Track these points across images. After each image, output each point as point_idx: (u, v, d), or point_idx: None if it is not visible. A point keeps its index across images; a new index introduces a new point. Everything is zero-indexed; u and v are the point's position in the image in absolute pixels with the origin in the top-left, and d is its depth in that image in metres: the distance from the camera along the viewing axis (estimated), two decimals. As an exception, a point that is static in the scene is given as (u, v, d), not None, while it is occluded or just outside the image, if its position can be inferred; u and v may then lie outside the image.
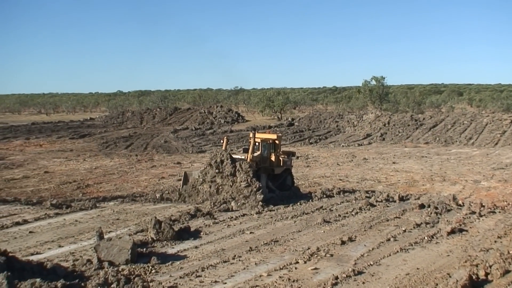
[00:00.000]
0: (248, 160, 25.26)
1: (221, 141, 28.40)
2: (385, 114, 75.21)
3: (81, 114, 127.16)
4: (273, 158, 27.05)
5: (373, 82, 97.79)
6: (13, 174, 34.52)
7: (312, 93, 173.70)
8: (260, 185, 24.16)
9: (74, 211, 22.57)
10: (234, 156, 26.15)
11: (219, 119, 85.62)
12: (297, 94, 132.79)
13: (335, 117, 78.98)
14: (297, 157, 42.91)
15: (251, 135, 26.80)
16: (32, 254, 15.61)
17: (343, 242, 17.08)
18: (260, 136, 27.54)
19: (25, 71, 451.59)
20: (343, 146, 55.75)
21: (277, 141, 27.41)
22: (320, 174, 35.46)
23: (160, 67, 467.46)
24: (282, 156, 27.71)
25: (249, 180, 24.05)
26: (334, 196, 26.64)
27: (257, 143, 26.71)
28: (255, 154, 26.22)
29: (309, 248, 16.41)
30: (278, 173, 27.27)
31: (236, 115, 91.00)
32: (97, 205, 24.08)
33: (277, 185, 26.88)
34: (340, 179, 33.40)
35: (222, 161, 24.94)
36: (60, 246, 16.82)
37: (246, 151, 26.81)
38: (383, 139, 60.73)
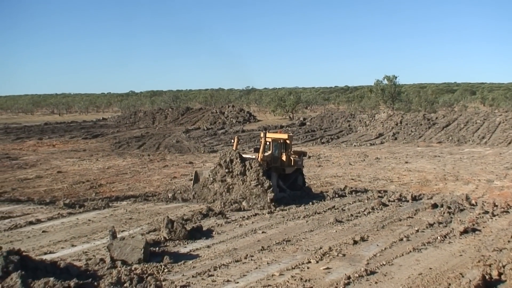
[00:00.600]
0: (259, 159, 25.18)
1: (232, 141, 28.41)
2: (398, 113, 74.94)
3: (93, 114, 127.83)
4: (284, 158, 27.00)
5: (385, 82, 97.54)
6: (26, 174, 34.73)
7: (323, 93, 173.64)
8: (271, 184, 24.03)
9: (87, 211, 22.69)
10: (245, 155, 26.13)
11: (231, 119, 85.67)
12: (308, 94, 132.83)
13: (347, 117, 78.83)
14: (309, 157, 42.87)
15: (262, 134, 26.77)
16: (45, 253, 15.70)
17: (355, 242, 17.04)
18: (271, 135, 27.47)
19: (38, 72, 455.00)
20: (355, 145, 55.59)
21: (288, 141, 27.34)
22: (332, 174, 35.38)
23: (172, 67, 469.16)
24: (293, 156, 27.65)
25: (259, 179, 23.92)
26: (346, 196, 26.59)
27: (268, 143, 26.68)
28: (266, 154, 26.20)
29: (321, 248, 16.38)
30: (289, 173, 27.20)
31: (248, 115, 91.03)
32: (110, 204, 24.19)
33: (288, 185, 26.81)
34: (352, 179, 33.30)
35: (231, 161, 24.89)
36: (73, 246, 16.90)
37: (257, 150, 26.78)
38: (396, 139, 60.50)
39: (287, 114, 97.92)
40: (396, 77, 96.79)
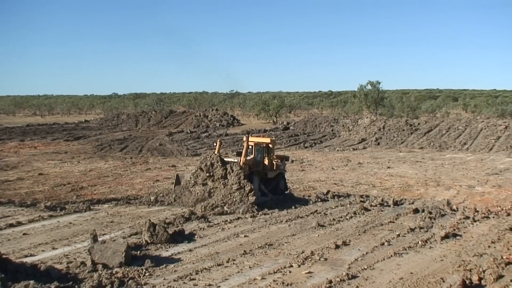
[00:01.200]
0: (241, 163, 25.13)
1: (215, 144, 28.36)
2: (380, 119, 75.37)
3: (76, 116, 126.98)
4: (266, 162, 27.03)
5: (369, 87, 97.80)
6: (7, 176, 34.41)
7: (307, 97, 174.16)
8: (252, 187, 23.97)
9: (68, 213, 22.52)
10: (227, 159, 26.11)
11: (215, 122, 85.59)
12: (292, 98, 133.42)
13: (330, 122, 79.10)
14: (292, 161, 42.96)
15: (244, 138, 26.72)
16: (25, 256, 15.57)
17: (337, 246, 17.11)
18: (253, 139, 27.40)
19: (20, 73, 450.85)
20: (338, 150, 55.80)
21: (270, 145, 27.32)
22: (315, 178, 35.48)
23: (155, 69, 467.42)
24: (276, 160, 27.65)
25: (240, 182, 23.86)
26: (328, 200, 26.69)
27: (250, 147, 26.67)
28: (248, 158, 26.21)
29: (303, 252, 16.43)
30: (271, 177, 27.19)
31: (232, 118, 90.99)
32: (91, 207, 24.02)
33: (270, 189, 26.78)
34: (335, 183, 33.43)
35: (212, 164, 24.82)
36: (54, 248, 16.78)
37: (239, 154, 26.79)
38: (378, 144, 60.84)
39: (271, 118, 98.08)
40: (379, 83, 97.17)
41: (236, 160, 25.66)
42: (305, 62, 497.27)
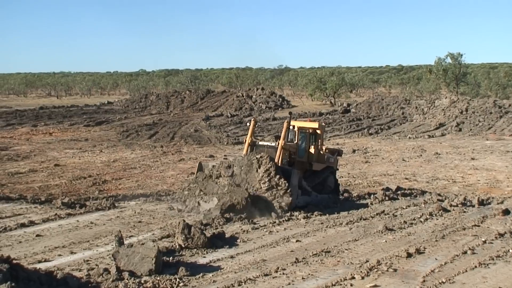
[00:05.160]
0: (280, 146, 24.12)
1: (248, 125, 27.11)
2: (463, 99, 74.09)
3: (97, 97, 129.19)
4: (312, 151, 26.31)
5: (448, 60, 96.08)
6: (18, 167, 35.22)
7: (372, 73, 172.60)
8: (287, 185, 22.39)
9: (89, 212, 22.91)
10: (262, 143, 25.67)
11: (260, 104, 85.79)
12: (354, 75, 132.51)
13: (401, 103, 78.45)
14: (354, 151, 42.81)
15: (286, 122, 25.00)
16: (39, 262, 15.89)
17: (409, 255, 16.92)
18: (297, 123, 26.72)
19: (32, 47, 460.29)
20: (410, 137, 55.21)
21: (318, 131, 26.73)
22: (382, 172, 35.27)
23: (190, 42, 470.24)
24: (325, 152, 26.99)
25: (271, 180, 22.38)
26: (398, 199, 26.45)
27: (292, 129, 25.69)
28: (290, 143, 25.31)
29: (367, 261, 16.32)
30: (317, 170, 26.42)
31: (280, 99, 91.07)
32: (116, 204, 24.38)
33: (314, 185, 25.81)
34: (406, 178, 33.17)
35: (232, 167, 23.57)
36: (72, 253, 17.10)
37: (278, 138, 25.53)
38: (460, 130, 59.90)
39: (328, 98, 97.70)
40: (461, 55, 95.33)
41: (273, 144, 25.01)
42: (369, 31, 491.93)
